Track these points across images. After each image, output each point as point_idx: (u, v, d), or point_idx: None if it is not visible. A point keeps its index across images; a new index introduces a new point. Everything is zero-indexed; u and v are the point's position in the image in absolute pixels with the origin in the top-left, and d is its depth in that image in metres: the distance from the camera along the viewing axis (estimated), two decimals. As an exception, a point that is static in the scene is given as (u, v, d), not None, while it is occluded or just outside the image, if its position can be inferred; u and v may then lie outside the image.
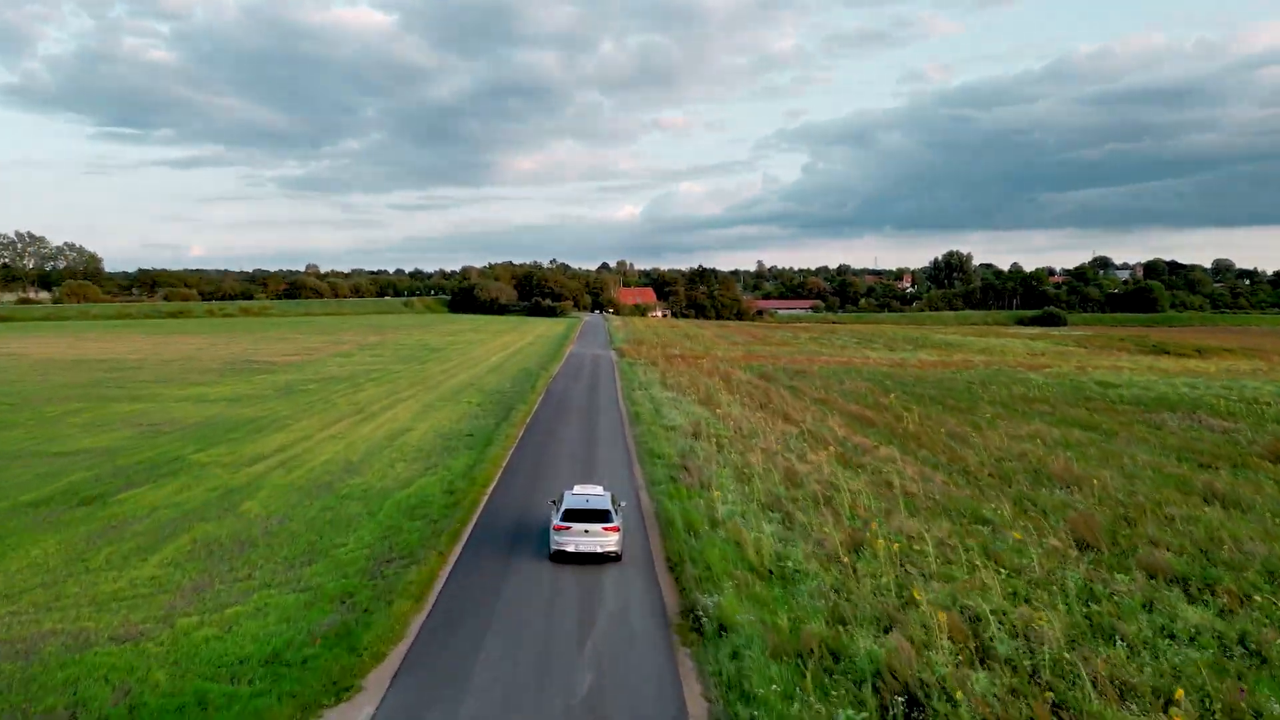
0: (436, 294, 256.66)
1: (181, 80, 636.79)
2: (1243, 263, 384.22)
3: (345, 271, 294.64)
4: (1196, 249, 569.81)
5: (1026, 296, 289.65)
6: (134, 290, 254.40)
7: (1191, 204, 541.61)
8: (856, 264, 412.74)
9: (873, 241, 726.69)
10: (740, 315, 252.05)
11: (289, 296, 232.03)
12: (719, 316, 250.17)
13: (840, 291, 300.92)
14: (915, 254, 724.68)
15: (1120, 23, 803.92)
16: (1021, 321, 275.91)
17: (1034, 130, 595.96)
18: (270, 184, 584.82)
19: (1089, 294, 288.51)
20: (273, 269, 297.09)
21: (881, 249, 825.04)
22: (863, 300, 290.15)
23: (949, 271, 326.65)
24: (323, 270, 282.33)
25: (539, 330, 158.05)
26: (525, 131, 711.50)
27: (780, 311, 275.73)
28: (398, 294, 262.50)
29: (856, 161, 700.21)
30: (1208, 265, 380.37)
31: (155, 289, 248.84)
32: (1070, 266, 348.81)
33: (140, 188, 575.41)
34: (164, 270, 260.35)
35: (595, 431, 46.22)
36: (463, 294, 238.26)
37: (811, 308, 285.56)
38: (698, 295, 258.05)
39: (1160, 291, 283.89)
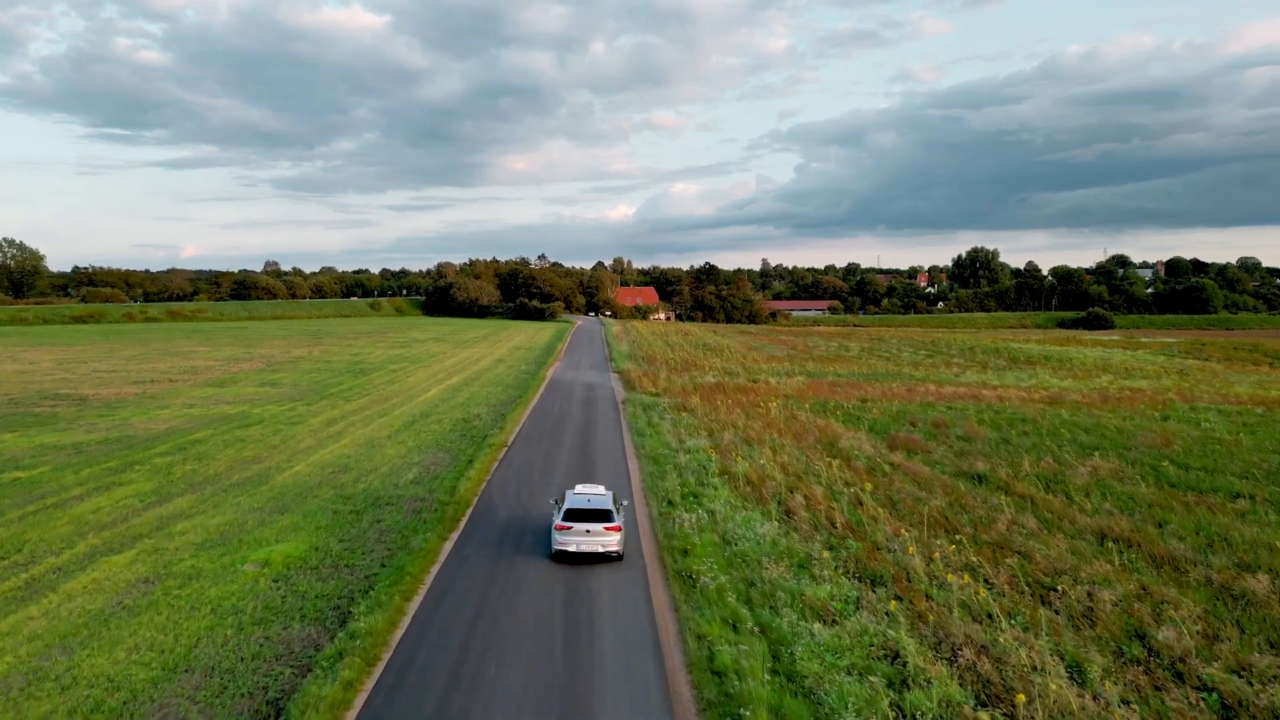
0: (409, 294, 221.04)
1: (173, 81, 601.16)
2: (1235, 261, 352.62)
3: (312, 270, 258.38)
4: (1188, 248, 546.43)
5: (1064, 296, 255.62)
6: (69, 290, 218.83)
7: (1181, 204, 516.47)
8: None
9: (868, 241, 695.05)
10: (752, 318, 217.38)
11: (237, 297, 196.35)
12: (729, 319, 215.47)
13: (859, 291, 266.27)
14: (911, 254, 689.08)
15: (1109, 23, 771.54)
16: (1063, 323, 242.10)
17: (1025, 131, 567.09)
18: (264, 184, 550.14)
19: (1134, 294, 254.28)
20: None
21: (877, 249, 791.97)
22: (885, 300, 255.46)
23: (974, 269, 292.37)
24: (285, 268, 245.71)
25: (519, 339, 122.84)
26: (518, 131, 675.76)
27: (795, 313, 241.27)
28: (367, 294, 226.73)
29: (850, 161, 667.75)
30: (1207, 263, 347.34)
31: (93, 289, 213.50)
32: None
33: (133, 188, 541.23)
34: (104, 269, 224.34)
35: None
36: (438, 294, 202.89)
37: (829, 308, 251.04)
38: (705, 295, 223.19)
39: (1214, 291, 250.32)
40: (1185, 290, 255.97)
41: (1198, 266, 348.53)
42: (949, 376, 76.23)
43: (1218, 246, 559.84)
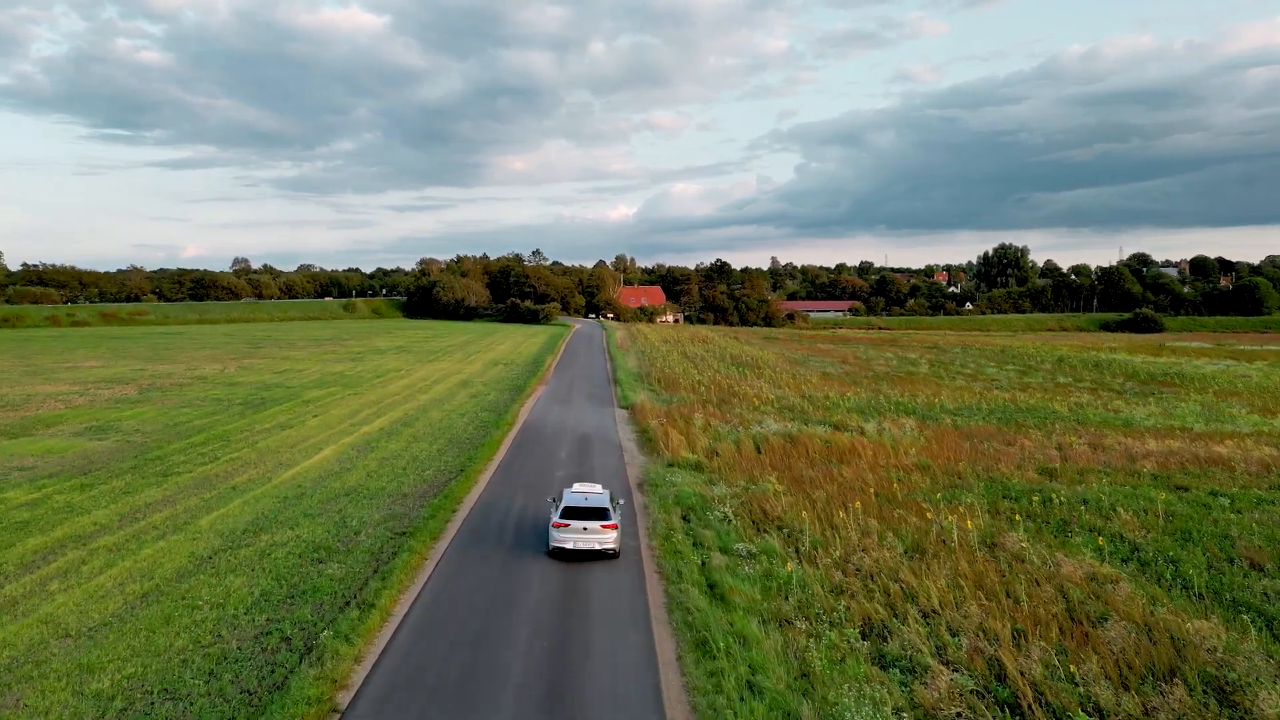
0: (392, 294, 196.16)
1: (173, 81, 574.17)
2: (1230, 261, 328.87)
3: (288, 269, 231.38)
4: (1186, 248, 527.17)
5: (1104, 296, 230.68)
6: (7, 289, 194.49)
7: (1180, 203, 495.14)
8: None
9: (867, 241, 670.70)
10: (769, 319, 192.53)
11: (196, 297, 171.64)
12: (743, 321, 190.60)
13: (881, 291, 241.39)
14: (911, 253, 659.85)
15: (1106, 24, 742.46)
16: (1107, 326, 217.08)
17: (1023, 131, 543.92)
18: (264, 185, 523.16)
19: (1182, 294, 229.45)
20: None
21: (876, 249, 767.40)
22: (910, 301, 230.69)
23: (1001, 268, 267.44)
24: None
25: (502, 348, 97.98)
26: (517, 132, 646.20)
27: (814, 314, 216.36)
28: (344, 293, 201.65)
29: (849, 162, 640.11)
30: (1233, 261, 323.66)
31: (24, 289, 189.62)
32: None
33: (133, 188, 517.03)
34: (55, 267, 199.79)
35: None
36: (420, 294, 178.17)
37: (850, 309, 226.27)
38: (716, 295, 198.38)
39: (1268, 290, 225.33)
40: (1236, 290, 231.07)
41: (1224, 265, 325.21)
42: (1107, 414, 51.22)
43: (1214, 246, 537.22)
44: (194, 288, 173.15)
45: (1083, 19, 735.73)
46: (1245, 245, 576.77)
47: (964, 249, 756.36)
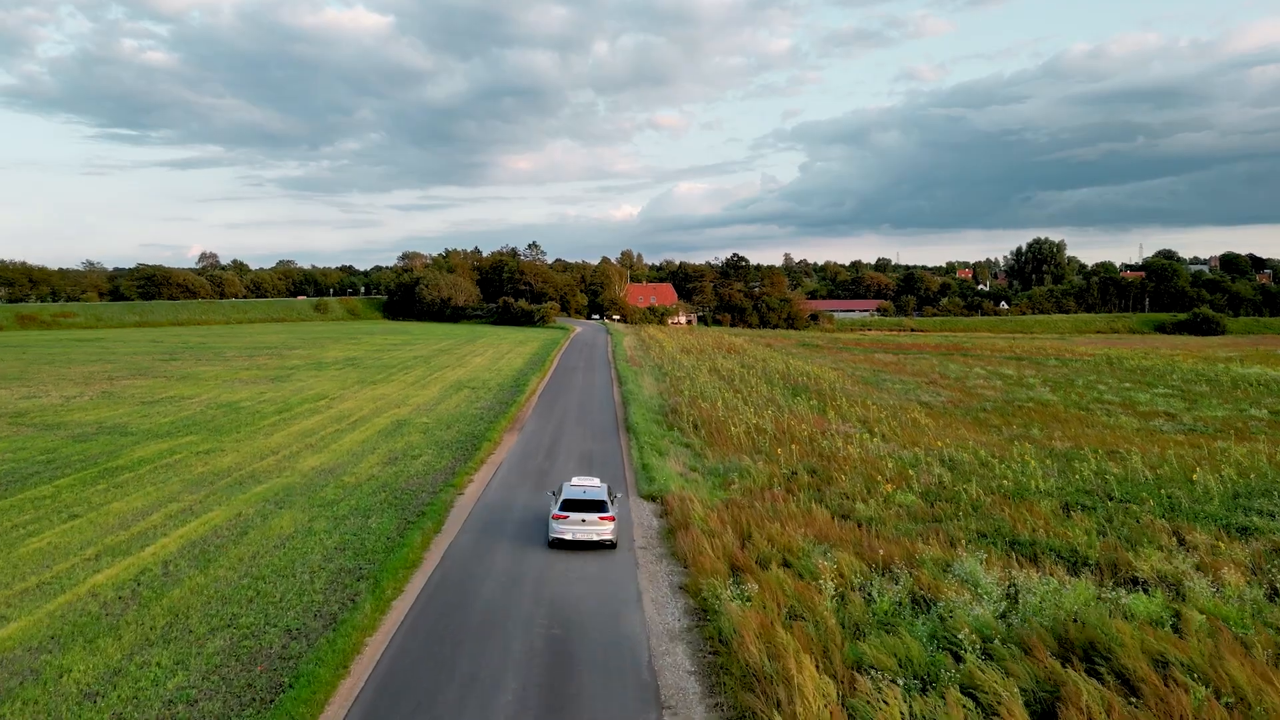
0: (370, 292, 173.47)
1: (179, 82, 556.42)
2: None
3: (263, 266, 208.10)
4: (1194, 247, 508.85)
5: (1155, 295, 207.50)
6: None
7: (1186, 202, 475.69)
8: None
9: (872, 240, 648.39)
10: (791, 320, 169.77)
11: (147, 296, 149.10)
12: (763, 322, 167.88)
13: (909, 289, 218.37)
14: (917, 252, 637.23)
15: (1111, 22, 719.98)
16: (1162, 327, 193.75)
17: (1028, 130, 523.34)
18: (270, 184, 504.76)
19: (1240, 293, 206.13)
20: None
21: (879, 248, 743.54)
22: (944, 300, 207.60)
23: (1036, 265, 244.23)
24: (225, 262, 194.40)
25: (479, 361, 75.14)
26: (521, 132, 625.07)
27: (839, 314, 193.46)
28: (320, 292, 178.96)
29: (853, 161, 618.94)
30: (1264, 258, 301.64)
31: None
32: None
33: (139, 189, 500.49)
34: (5, 263, 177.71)
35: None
36: (402, 293, 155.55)
37: (878, 309, 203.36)
38: (732, 294, 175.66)
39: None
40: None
41: (1256, 263, 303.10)
42: None
43: (1221, 245, 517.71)
44: (144, 285, 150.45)
45: (1087, 17, 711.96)
46: (1255, 244, 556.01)
47: (971, 248, 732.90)
